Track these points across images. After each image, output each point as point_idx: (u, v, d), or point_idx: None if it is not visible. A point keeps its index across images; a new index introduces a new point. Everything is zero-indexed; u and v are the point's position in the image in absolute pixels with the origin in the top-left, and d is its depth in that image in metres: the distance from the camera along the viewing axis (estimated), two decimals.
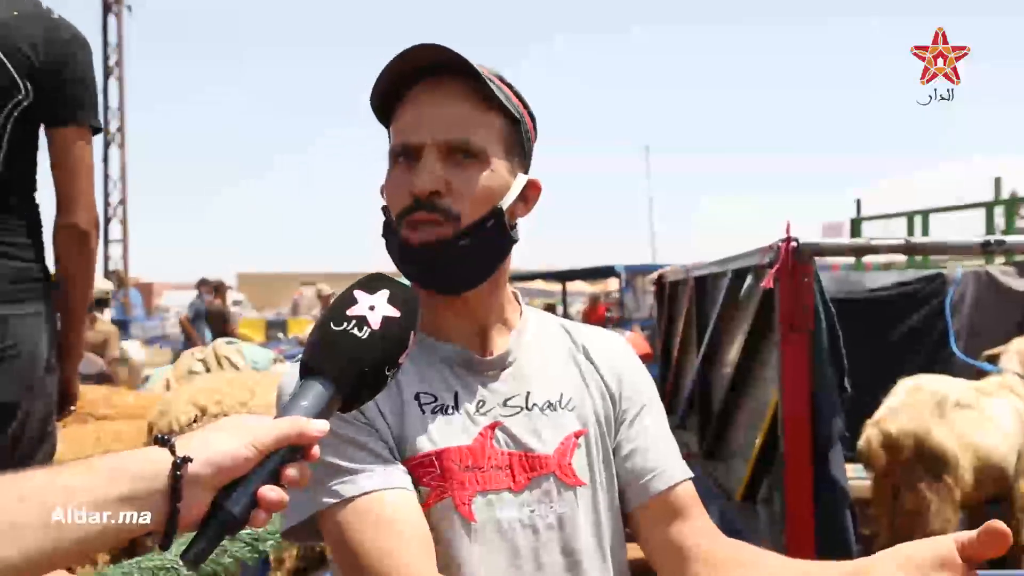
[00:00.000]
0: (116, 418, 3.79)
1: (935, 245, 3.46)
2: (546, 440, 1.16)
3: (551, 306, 15.27)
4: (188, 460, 0.77)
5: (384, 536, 1.03)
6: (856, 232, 8.02)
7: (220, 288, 9.99)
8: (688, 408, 4.64)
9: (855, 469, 3.56)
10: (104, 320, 7.47)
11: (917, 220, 7.44)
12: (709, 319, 4.09)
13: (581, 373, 1.24)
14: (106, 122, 17.50)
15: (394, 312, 0.93)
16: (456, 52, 1.08)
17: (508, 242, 1.17)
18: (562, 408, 1.19)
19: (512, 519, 1.11)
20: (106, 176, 18.90)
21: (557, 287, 17.98)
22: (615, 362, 1.26)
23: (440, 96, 1.12)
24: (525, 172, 1.19)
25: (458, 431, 1.12)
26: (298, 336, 12.89)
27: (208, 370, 4.60)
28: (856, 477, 3.53)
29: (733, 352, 3.66)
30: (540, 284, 21.11)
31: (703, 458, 4.09)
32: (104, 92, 17.66)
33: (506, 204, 1.14)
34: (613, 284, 17.14)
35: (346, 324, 0.91)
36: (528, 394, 1.17)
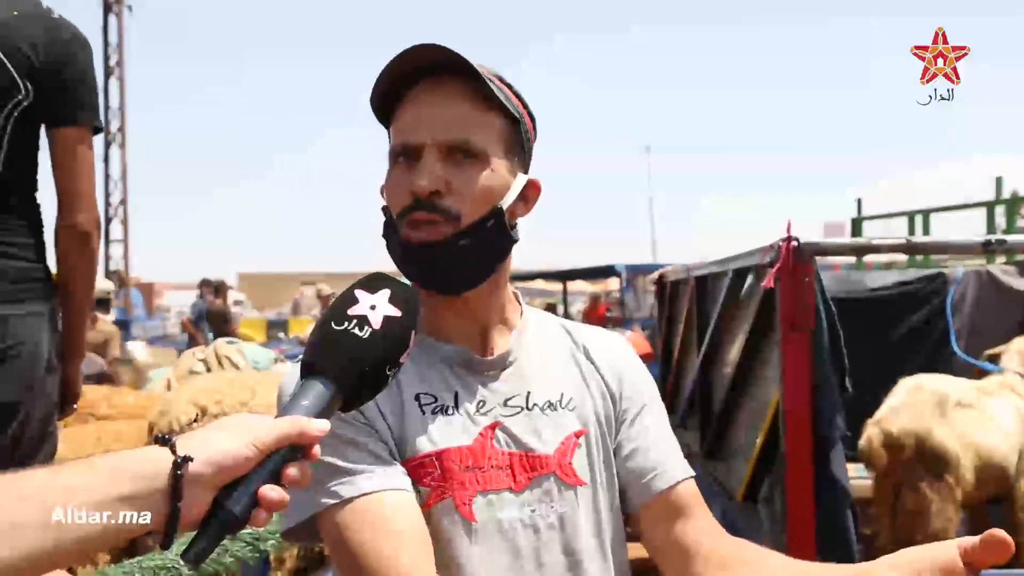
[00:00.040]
0: (117, 418, 3.78)
1: (936, 245, 3.47)
2: (546, 440, 1.15)
3: (552, 306, 15.26)
4: (189, 459, 0.77)
5: (383, 537, 1.02)
6: (857, 232, 8.01)
7: (221, 288, 10.02)
8: (689, 408, 4.63)
9: (856, 468, 3.55)
10: (106, 320, 7.48)
11: (918, 220, 7.43)
12: (710, 319, 4.09)
13: (581, 373, 1.23)
14: (107, 122, 17.49)
15: (395, 312, 0.93)
16: (456, 52, 1.08)
17: (508, 242, 1.16)
18: (562, 408, 1.18)
19: (513, 519, 1.11)
20: (107, 176, 18.84)
21: (558, 287, 17.99)
22: (615, 362, 1.26)
23: (440, 96, 1.12)
24: (525, 172, 1.19)
25: (458, 431, 1.12)
26: (299, 336, 12.85)
27: (209, 370, 4.58)
28: (857, 477, 3.52)
29: (734, 352, 3.66)
30: (540, 284, 21.12)
31: (704, 458, 4.09)
32: (105, 92, 17.63)
33: (506, 204, 1.14)
34: (614, 284, 17.12)
35: (347, 323, 0.91)
36: (528, 394, 1.17)
